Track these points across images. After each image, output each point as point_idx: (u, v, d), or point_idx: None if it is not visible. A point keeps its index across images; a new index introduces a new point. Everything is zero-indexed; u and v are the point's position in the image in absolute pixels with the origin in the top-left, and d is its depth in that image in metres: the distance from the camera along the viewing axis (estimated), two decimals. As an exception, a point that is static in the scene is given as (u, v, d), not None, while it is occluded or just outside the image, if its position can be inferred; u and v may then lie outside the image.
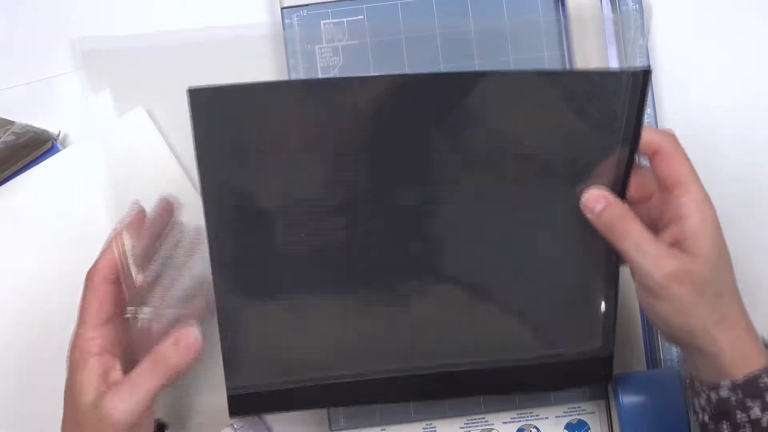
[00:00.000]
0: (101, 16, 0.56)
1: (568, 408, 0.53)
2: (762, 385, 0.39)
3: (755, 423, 0.39)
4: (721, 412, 0.40)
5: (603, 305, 0.45)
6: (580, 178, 0.43)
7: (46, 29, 0.56)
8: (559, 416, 0.53)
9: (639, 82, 0.41)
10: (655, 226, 0.42)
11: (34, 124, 0.54)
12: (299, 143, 0.42)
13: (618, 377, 0.50)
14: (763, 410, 0.39)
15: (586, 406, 0.53)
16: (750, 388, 0.39)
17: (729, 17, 0.55)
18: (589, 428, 0.52)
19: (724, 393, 0.39)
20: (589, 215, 0.42)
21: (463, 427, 0.53)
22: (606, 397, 0.52)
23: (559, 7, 0.53)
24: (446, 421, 0.53)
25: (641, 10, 0.53)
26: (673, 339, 0.43)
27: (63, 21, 0.56)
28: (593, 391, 0.52)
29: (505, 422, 0.52)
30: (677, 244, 0.40)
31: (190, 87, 0.40)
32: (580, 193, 0.43)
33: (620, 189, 0.43)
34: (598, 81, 0.42)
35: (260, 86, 0.41)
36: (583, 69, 0.48)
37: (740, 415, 0.39)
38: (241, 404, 0.44)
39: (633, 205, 0.43)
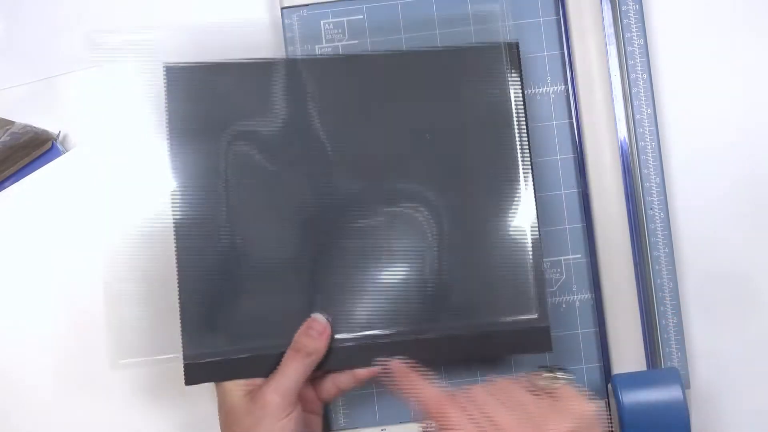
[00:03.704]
0: (102, 16, 0.56)
1: (568, 408, 0.53)
2: None
3: None
4: None
5: (532, 278, 0.48)
6: (491, 156, 0.49)
7: (46, 29, 0.56)
8: (559, 416, 0.53)
9: (514, 53, 0.50)
10: None
11: (34, 124, 0.54)
12: (258, 117, 0.49)
13: (618, 377, 0.50)
14: None
15: (586, 406, 0.53)
16: None
17: (730, 17, 0.55)
18: (589, 428, 0.52)
19: None
20: None
21: (463, 427, 0.53)
22: (606, 397, 0.52)
23: (559, 7, 0.53)
24: (446, 421, 0.53)
25: (641, 11, 0.53)
26: None
27: (63, 21, 0.56)
28: (593, 392, 0.52)
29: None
30: None
31: (165, 63, 0.48)
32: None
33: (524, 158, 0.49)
34: (477, 54, 0.50)
35: (228, 65, 0.49)
36: (458, 45, 0.52)
37: None
38: (196, 373, 0.47)
39: None
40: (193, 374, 0.47)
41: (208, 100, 0.49)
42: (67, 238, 0.54)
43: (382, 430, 0.53)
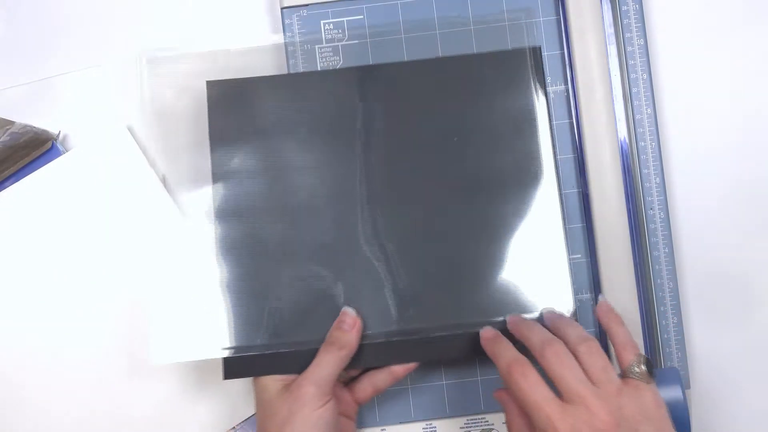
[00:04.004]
0: (102, 17, 0.56)
1: (568, 408, 0.53)
2: None
3: None
4: None
5: (558, 275, 0.50)
6: (516, 153, 0.51)
7: (46, 29, 0.56)
8: (559, 416, 0.53)
9: (537, 56, 0.52)
10: None
11: (34, 124, 0.54)
12: (289, 125, 0.52)
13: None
14: None
15: (586, 406, 0.53)
16: None
17: (730, 18, 0.55)
18: (589, 428, 0.52)
19: None
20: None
21: (463, 427, 0.53)
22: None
23: (559, 8, 0.53)
24: (446, 421, 0.53)
25: (641, 11, 0.53)
26: None
27: (63, 21, 0.56)
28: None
29: (505, 422, 0.52)
30: None
31: (207, 80, 0.52)
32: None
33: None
34: (505, 58, 0.52)
35: (264, 79, 0.53)
36: (489, 51, 0.53)
37: None
38: (234, 368, 0.50)
39: None
40: (232, 369, 0.49)
41: (245, 111, 0.52)
42: (68, 238, 0.54)
43: (382, 430, 0.53)
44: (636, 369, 0.44)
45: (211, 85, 0.52)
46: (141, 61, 0.55)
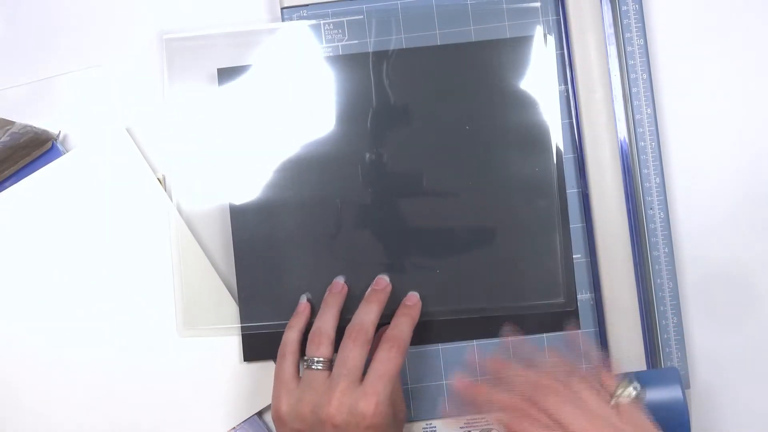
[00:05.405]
0: (101, 16, 0.56)
1: (568, 408, 0.53)
2: None
3: None
4: None
5: (561, 266, 0.52)
6: (526, 141, 0.52)
7: (46, 29, 0.56)
8: (559, 416, 0.53)
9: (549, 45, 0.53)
10: None
11: (34, 124, 0.54)
12: (302, 108, 0.53)
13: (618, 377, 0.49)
14: None
15: (586, 406, 0.53)
16: None
17: (730, 18, 0.55)
18: (589, 428, 0.52)
19: None
20: None
21: (463, 427, 0.53)
22: (606, 397, 0.52)
23: (559, 8, 0.53)
24: (446, 421, 0.53)
25: (641, 11, 0.53)
26: None
27: (63, 21, 0.56)
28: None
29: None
30: None
31: (218, 68, 0.53)
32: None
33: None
34: (516, 45, 0.53)
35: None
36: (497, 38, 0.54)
37: None
38: (252, 348, 0.53)
39: None
40: (251, 350, 0.53)
41: (256, 96, 0.53)
42: (67, 238, 0.54)
43: (382, 430, 0.53)
44: (621, 395, 0.43)
45: (221, 72, 0.53)
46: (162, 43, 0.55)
